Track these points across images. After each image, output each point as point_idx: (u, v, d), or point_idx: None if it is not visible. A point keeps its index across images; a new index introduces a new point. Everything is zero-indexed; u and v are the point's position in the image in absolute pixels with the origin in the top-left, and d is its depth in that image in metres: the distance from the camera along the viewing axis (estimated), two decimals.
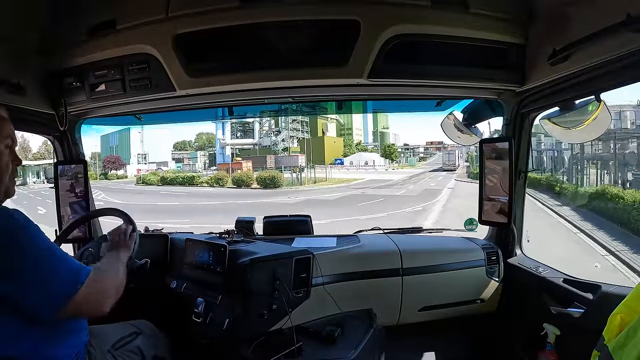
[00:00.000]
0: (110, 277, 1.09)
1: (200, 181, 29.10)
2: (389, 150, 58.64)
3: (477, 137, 1.94)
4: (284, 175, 27.01)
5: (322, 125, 56.19)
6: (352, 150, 61.17)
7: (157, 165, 49.25)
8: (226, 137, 49.32)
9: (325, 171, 31.14)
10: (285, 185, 25.31)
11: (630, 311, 0.88)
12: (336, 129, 64.14)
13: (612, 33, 1.05)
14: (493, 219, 1.82)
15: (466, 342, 2.04)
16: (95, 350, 1.14)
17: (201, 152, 59.35)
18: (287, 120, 47.06)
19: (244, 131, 51.60)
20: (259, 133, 50.12)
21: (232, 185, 26.36)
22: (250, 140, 50.13)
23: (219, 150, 49.48)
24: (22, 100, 1.52)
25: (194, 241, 1.76)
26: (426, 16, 1.35)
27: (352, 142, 67.69)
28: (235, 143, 50.25)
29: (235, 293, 1.53)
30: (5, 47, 1.41)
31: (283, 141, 48.26)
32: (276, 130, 49.58)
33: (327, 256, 1.74)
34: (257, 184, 25.28)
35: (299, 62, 1.43)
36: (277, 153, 45.26)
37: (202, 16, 1.36)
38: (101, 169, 41.17)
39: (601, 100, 1.32)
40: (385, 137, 74.58)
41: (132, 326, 1.37)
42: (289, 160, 36.80)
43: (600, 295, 1.40)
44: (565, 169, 16.36)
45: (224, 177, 28.32)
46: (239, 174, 27.75)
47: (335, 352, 1.46)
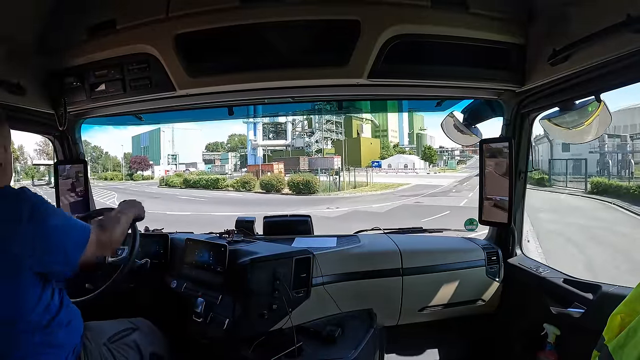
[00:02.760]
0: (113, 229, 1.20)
1: (225, 184, 26.32)
2: (428, 152, 56.17)
3: (477, 137, 1.94)
4: (320, 179, 23.52)
5: (357, 126, 54.98)
6: (389, 152, 59.21)
7: (186, 166, 49.02)
8: (258, 138, 48.56)
9: (366, 175, 27.11)
10: (322, 191, 21.76)
11: (630, 311, 0.88)
12: (371, 130, 62.60)
13: (612, 33, 1.05)
14: (493, 219, 1.82)
15: (466, 342, 2.03)
16: (90, 343, 1.15)
17: (232, 153, 58.95)
18: (321, 121, 45.94)
19: (276, 132, 50.63)
20: (292, 134, 49.00)
21: (260, 190, 23.32)
22: (283, 142, 49.05)
23: (250, 151, 48.87)
24: (22, 100, 1.52)
25: (194, 241, 1.76)
26: (426, 16, 1.35)
27: (389, 144, 65.67)
28: (267, 144, 49.21)
29: (235, 293, 1.53)
30: (5, 47, 1.41)
31: (317, 142, 47.03)
32: (309, 131, 48.41)
33: (327, 256, 1.74)
34: (289, 188, 22.11)
35: (299, 62, 1.43)
36: (311, 155, 44.03)
37: (202, 16, 1.36)
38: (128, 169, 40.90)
39: (601, 100, 1.32)
40: (422, 139, 72.51)
41: (128, 322, 1.37)
42: (323, 162, 35.24)
43: (601, 296, 1.40)
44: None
45: (251, 180, 25.23)
46: (268, 177, 24.80)
47: (335, 352, 1.46)
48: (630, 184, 14.21)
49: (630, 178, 17.74)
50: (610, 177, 17.96)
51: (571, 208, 12.53)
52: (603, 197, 13.52)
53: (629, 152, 20.93)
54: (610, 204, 12.36)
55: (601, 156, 21.10)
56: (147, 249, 1.82)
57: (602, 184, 14.85)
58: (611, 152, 21.19)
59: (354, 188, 23.48)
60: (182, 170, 41.40)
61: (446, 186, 24.28)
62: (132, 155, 50.07)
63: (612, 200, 12.71)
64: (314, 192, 21.14)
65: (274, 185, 22.88)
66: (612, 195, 13.41)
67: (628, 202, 11.88)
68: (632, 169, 19.56)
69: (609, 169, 20.22)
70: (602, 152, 21.43)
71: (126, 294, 1.66)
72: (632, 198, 12.31)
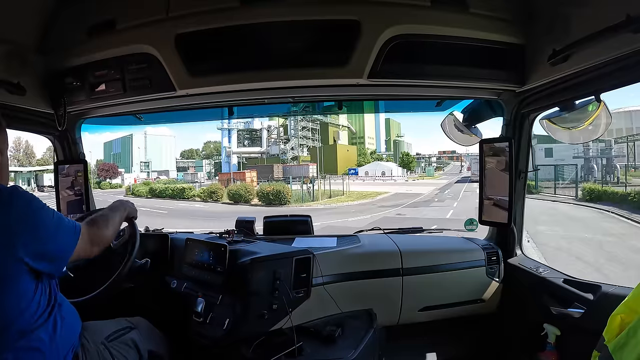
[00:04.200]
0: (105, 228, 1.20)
1: (192, 194, 24.05)
2: (406, 159, 55.12)
3: (477, 138, 1.94)
4: (293, 189, 21.83)
5: (333, 133, 54.07)
6: (366, 160, 58.02)
7: (158, 174, 47.68)
8: (232, 145, 47.53)
9: (342, 183, 25.23)
10: (295, 201, 20.06)
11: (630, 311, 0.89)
12: (348, 137, 61.72)
13: (612, 33, 1.05)
14: (493, 219, 1.82)
15: (466, 342, 2.03)
16: (88, 342, 1.15)
17: (207, 160, 57.67)
18: (297, 128, 45.02)
19: (251, 139, 49.58)
20: (267, 141, 48.00)
21: (228, 200, 21.10)
22: (258, 149, 48.10)
23: (224, 159, 47.80)
24: (22, 100, 1.52)
25: (195, 241, 1.76)
26: (426, 16, 1.35)
27: (366, 151, 64.49)
28: (241, 151, 48.19)
29: (235, 293, 1.53)
30: (5, 47, 1.41)
31: (292, 150, 45.97)
32: (285, 139, 47.44)
33: (328, 256, 1.74)
34: (259, 199, 20.20)
35: (299, 62, 1.43)
36: (286, 162, 42.95)
37: (202, 16, 1.36)
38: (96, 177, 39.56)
39: (601, 100, 1.32)
40: (400, 145, 71.72)
41: (126, 321, 1.37)
42: (298, 170, 33.64)
43: (601, 296, 1.40)
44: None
45: (219, 190, 22.89)
46: (235, 187, 22.33)
47: (335, 352, 1.46)
48: (627, 190, 13.70)
49: (616, 183, 17.37)
50: (596, 182, 17.55)
51: (570, 218, 11.63)
52: (596, 204, 13.01)
53: (614, 157, 20.77)
54: (608, 212, 11.89)
55: (586, 161, 20.91)
56: (147, 249, 1.82)
57: (595, 190, 14.26)
58: (596, 157, 21.02)
59: (329, 198, 21.86)
60: (153, 179, 39.89)
61: (427, 194, 23.22)
62: (103, 162, 48.09)
63: (608, 208, 12.25)
64: (286, 202, 19.25)
65: (242, 196, 20.76)
66: (607, 202, 12.87)
67: (627, 210, 11.48)
68: (619, 174, 19.28)
69: (594, 174, 20.05)
70: (586, 157, 21.25)
71: (125, 294, 1.66)
72: (631, 206, 11.88)
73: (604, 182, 18.23)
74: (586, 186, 15.31)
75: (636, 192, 12.87)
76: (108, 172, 41.57)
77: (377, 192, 23.85)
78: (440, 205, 17.99)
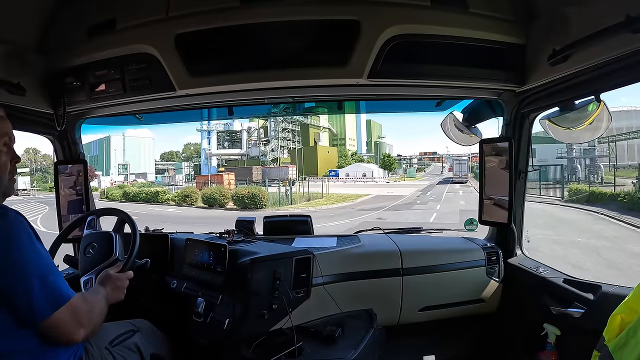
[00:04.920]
0: (94, 309, 1.05)
1: (166, 198, 22.99)
2: (388, 160, 55.06)
3: (477, 137, 1.94)
4: (270, 191, 20.93)
5: (314, 134, 53.55)
6: (347, 161, 57.83)
7: (136, 176, 46.30)
8: (212, 147, 46.15)
9: (321, 185, 24.21)
10: (272, 205, 19.07)
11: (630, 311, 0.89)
12: (329, 139, 61.23)
13: (612, 33, 1.05)
14: (493, 219, 1.82)
15: (466, 342, 2.03)
16: (92, 347, 1.14)
17: (186, 163, 56.41)
18: (277, 129, 44.04)
19: (232, 141, 48.38)
20: (247, 143, 46.79)
21: (203, 204, 20.12)
22: (238, 151, 46.93)
23: (204, 161, 46.19)
24: (22, 100, 1.52)
25: (195, 241, 1.76)
26: (426, 16, 1.35)
27: (347, 153, 64.50)
28: (221, 153, 46.91)
29: (235, 293, 1.53)
30: (5, 47, 1.41)
31: (272, 151, 44.65)
32: (265, 140, 46.13)
33: (328, 256, 1.74)
34: (234, 203, 19.13)
35: (299, 62, 1.43)
36: (267, 164, 41.98)
37: (202, 16, 1.36)
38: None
39: (601, 100, 1.33)
40: (381, 147, 71.58)
41: (129, 324, 1.37)
42: (278, 172, 32.74)
43: (601, 296, 1.40)
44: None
45: (193, 193, 21.79)
46: (210, 190, 21.24)
47: (335, 352, 1.46)
48: (617, 191, 13.32)
49: (600, 183, 17.13)
50: (580, 182, 17.34)
51: (559, 220, 11.15)
52: (584, 205, 12.71)
53: (598, 157, 20.64)
54: (598, 214, 11.55)
55: (569, 161, 20.79)
56: (147, 249, 1.81)
57: (582, 191, 13.99)
58: (579, 157, 20.91)
59: (307, 201, 20.91)
60: (130, 182, 38.46)
61: (409, 196, 22.56)
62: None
63: (597, 209, 11.93)
64: (261, 206, 18.34)
65: (217, 200, 19.83)
66: (595, 203, 12.51)
67: (616, 212, 11.16)
68: (603, 174, 19.15)
69: (578, 174, 19.91)
70: (570, 157, 21.13)
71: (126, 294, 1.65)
72: (621, 207, 11.55)
73: (587, 182, 18.13)
74: (573, 187, 15.09)
75: (625, 192, 12.62)
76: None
77: (358, 195, 23.29)
78: (422, 207, 17.23)
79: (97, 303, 1.08)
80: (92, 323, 1.01)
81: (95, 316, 1.04)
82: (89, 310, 1.01)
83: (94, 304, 1.06)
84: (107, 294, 1.19)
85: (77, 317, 0.95)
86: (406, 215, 14.37)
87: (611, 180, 17.51)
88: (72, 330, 0.94)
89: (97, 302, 1.09)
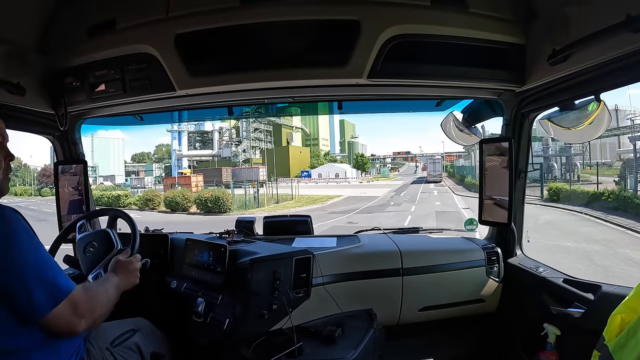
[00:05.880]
0: (96, 299, 1.03)
1: (127, 202, 21.75)
2: (361, 160, 54.32)
3: (477, 137, 1.94)
4: (237, 193, 19.94)
5: (286, 134, 52.89)
6: (320, 161, 57.09)
7: (104, 179, 44.97)
8: (183, 148, 45.38)
9: (291, 187, 23.18)
10: (237, 209, 17.93)
11: (630, 311, 0.89)
12: (302, 139, 60.40)
13: (611, 33, 1.05)
14: (493, 219, 1.82)
15: (466, 342, 2.03)
16: (94, 348, 1.15)
17: (157, 164, 54.88)
18: (249, 129, 43.34)
19: (203, 142, 47.52)
20: (219, 143, 45.94)
21: (165, 208, 18.92)
22: (209, 152, 46.13)
23: (174, 162, 45.04)
24: (22, 100, 1.52)
25: (194, 241, 1.76)
26: (426, 16, 1.35)
27: (320, 152, 63.83)
28: (192, 154, 45.98)
29: (235, 293, 1.53)
30: (5, 47, 1.41)
31: (244, 152, 44.07)
32: (237, 141, 45.38)
33: (328, 256, 1.74)
34: (197, 207, 18.25)
35: (299, 62, 1.43)
36: (238, 165, 41.08)
37: (202, 16, 1.36)
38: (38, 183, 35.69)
39: (601, 100, 1.33)
40: (354, 147, 70.99)
41: (129, 324, 1.37)
42: (248, 174, 31.93)
43: (601, 296, 1.40)
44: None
45: (156, 197, 20.29)
46: (172, 193, 20.15)
47: (335, 352, 1.46)
48: (600, 189, 12.50)
49: (577, 181, 16.66)
50: (556, 180, 16.87)
51: (545, 222, 10.38)
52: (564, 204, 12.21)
53: (574, 155, 20.42)
54: (582, 214, 10.98)
55: (545, 159, 20.56)
56: (147, 249, 1.81)
57: (562, 190, 13.37)
58: (555, 156, 20.76)
59: (276, 203, 19.99)
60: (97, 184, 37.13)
61: (382, 197, 21.72)
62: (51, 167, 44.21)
63: (581, 209, 11.32)
64: (226, 210, 17.37)
65: (179, 203, 18.75)
66: (577, 203, 11.94)
67: (601, 212, 10.50)
68: (579, 172, 18.92)
69: (554, 172, 19.76)
70: (546, 155, 20.94)
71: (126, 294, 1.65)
72: (606, 206, 10.92)
73: (564, 180, 17.79)
74: (552, 185, 14.40)
75: (610, 191, 11.84)
76: (49, 178, 35.13)
77: (329, 196, 22.40)
78: (396, 209, 16.29)
79: (101, 292, 1.07)
80: (95, 314, 1.00)
81: (99, 306, 1.03)
82: (90, 301, 1.00)
83: (96, 294, 1.05)
84: (120, 281, 1.20)
85: (78, 310, 0.95)
86: (379, 219, 13.19)
87: (587, 178, 17.24)
88: (72, 322, 0.94)
89: (101, 292, 1.08)
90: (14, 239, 0.88)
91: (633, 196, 10.80)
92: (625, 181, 12.81)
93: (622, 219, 9.75)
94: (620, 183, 13.05)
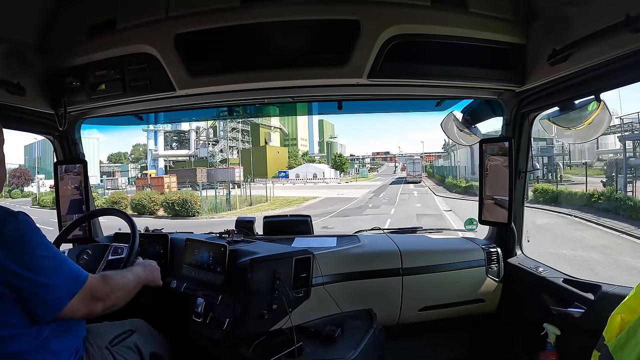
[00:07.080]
0: (112, 283, 1.11)
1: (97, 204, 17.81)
2: (339, 160, 54.00)
3: (477, 137, 1.95)
4: (206, 195, 19.19)
5: (264, 134, 52.36)
6: (297, 162, 56.38)
7: None
8: (159, 148, 44.53)
9: (266, 188, 22.23)
10: (207, 211, 17.30)
11: (630, 311, 0.89)
12: (280, 139, 59.79)
13: (611, 33, 1.05)
14: (493, 219, 1.82)
15: (466, 342, 2.03)
16: (92, 347, 1.15)
17: (134, 165, 54.15)
18: (226, 129, 42.78)
19: (180, 141, 46.80)
20: (195, 143, 45.13)
21: (132, 211, 17.79)
22: (186, 152, 45.31)
23: (150, 162, 44.39)
24: (22, 100, 1.52)
25: (194, 241, 1.76)
26: (426, 16, 1.35)
27: (298, 153, 63.30)
28: (168, 154, 45.13)
29: (235, 293, 1.53)
30: (6, 47, 1.41)
31: (221, 152, 43.47)
32: (214, 140, 44.71)
33: (327, 256, 1.74)
34: (164, 210, 17.50)
35: (299, 62, 1.43)
36: (215, 165, 40.41)
37: (202, 16, 1.36)
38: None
39: (601, 100, 1.33)
40: (333, 147, 69.89)
41: (126, 324, 1.37)
42: (224, 174, 31.40)
43: (601, 296, 1.40)
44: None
45: (123, 199, 19.07)
46: (139, 196, 19.10)
47: (335, 352, 1.46)
48: (590, 190, 11.99)
49: (559, 181, 16.30)
50: (538, 180, 16.54)
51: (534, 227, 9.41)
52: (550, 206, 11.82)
53: (556, 155, 20.16)
54: (571, 216, 10.54)
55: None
56: (147, 249, 1.82)
57: (548, 191, 12.90)
58: (537, 155, 20.58)
59: (249, 206, 19.16)
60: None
61: (360, 199, 20.97)
62: (25, 167, 41.10)
63: (569, 211, 10.90)
64: (194, 214, 16.63)
65: (145, 207, 17.93)
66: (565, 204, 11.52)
67: (592, 214, 10.09)
68: (562, 172, 18.70)
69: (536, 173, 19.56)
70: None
71: None
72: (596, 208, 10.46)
73: (546, 180, 17.57)
74: (538, 186, 13.87)
75: (600, 192, 11.36)
76: (19, 179, 35.52)
77: (305, 198, 21.51)
78: (375, 212, 15.30)
79: (119, 277, 1.15)
80: (112, 297, 1.08)
81: (116, 289, 1.10)
82: (106, 284, 1.07)
83: (114, 279, 1.12)
84: (142, 272, 1.30)
85: (95, 294, 1.02)
86: (357, 223, 11.95)
87: (569, 178, 17.01)
88: (90, 307, 1.02)
89: (119, 277, 1.15)
90: (29, 241, 0.92)
91: (626, 198, 10.42)
92: (615, 182, 12.27)
93: (615, 221, 9.34)
94: (611, 184, 12.49)
